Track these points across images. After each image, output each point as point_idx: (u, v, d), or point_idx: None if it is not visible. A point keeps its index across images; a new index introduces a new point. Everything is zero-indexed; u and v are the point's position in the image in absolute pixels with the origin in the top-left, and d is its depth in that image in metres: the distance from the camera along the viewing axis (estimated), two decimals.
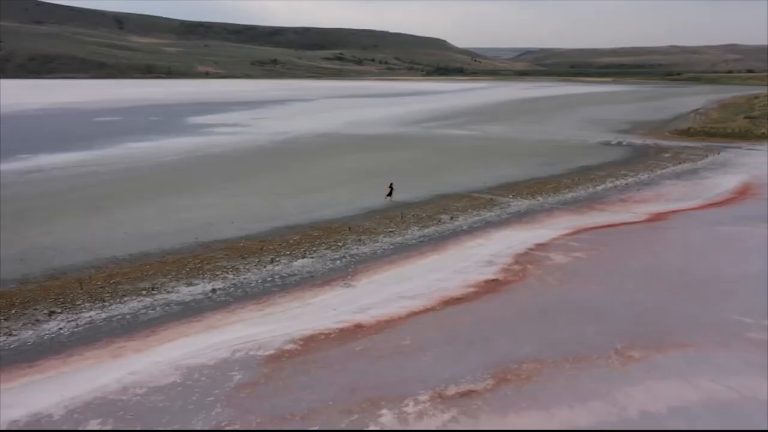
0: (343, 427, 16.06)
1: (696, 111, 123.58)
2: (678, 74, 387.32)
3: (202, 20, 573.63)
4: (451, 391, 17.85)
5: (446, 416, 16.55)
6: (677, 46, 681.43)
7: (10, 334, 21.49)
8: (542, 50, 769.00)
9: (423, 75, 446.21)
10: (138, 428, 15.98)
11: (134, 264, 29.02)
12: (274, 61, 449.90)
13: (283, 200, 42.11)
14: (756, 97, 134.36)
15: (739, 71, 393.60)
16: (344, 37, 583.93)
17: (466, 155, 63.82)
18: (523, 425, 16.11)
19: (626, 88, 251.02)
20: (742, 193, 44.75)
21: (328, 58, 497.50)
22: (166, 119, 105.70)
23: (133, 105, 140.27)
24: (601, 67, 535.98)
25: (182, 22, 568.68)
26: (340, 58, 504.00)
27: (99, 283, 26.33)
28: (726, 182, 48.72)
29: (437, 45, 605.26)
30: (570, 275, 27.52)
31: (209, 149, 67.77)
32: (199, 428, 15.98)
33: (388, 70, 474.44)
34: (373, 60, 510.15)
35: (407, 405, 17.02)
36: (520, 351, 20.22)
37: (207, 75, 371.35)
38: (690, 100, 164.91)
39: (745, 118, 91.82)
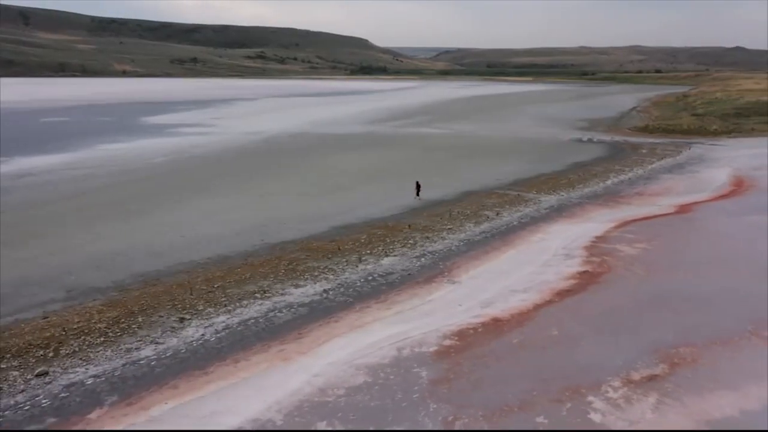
0: (564, 415, 16.65)
1: (635, 109, 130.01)
2: (593, 74, 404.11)
3: (114, 17, 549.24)
4: (636, 376, 18.78)
5: (651, 399, 17.49)
6: (587, 47, 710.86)
7: (156, 342, 20.87)
8: (459, 50, 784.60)
9: (347, 74, 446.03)
10: (371, 428, 16.03)
11: (222, 267, 28.53)
12: (194, 60, 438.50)
13: (314, 200, 42.08)
14: (686, 96, 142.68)
15: (648, 71, 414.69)
16: (265, 36, 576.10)
17: (456, 153, 65.05)
18: (728, 405, 17.19)
19: (551, 87, 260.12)
20: (739, 185, 47.90)
21: (249, 57, 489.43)
22: (120, 120, 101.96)
23: (71, 105, 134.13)
24: (517, 66, 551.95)
25: (93, 19, 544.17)
26: (262, 57, 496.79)
27: (203, 287, 25.86)
28: (717, 176, 51.90)
29: (359, 44, 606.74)
30: (651, 265, 28.99)
31: (193, 150, 66.18)
32: (429, 426, 16.16)
33: (312, 69, 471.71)
34: (295, 59, 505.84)
35: (608, 391, 17.83)
36: (666, 337, 21.39)
37: (124, 73, 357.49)
38: (620, 98, 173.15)
39: (692, 115, 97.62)
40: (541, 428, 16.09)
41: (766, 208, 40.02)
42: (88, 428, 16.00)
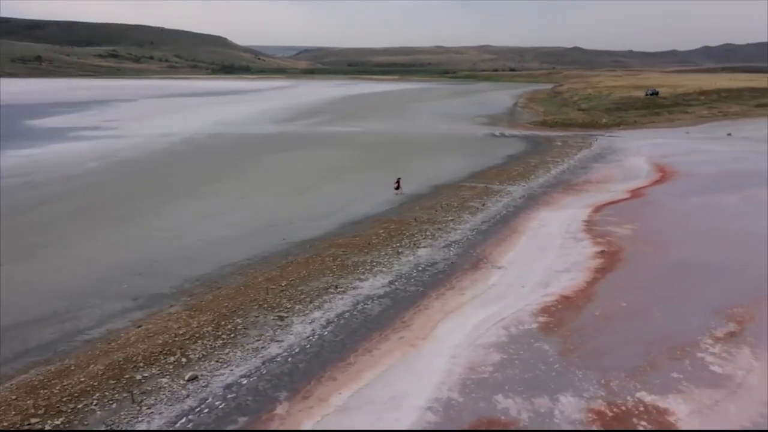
0: (690, 369, 19.29)
1: (516, 105, 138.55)
2: (453, 72, 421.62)
3: None
4: (719, 334, 21.90)
5: (746, 351, 20.57)
6: (442, 46, 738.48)
7: (275, 340, 21.37)
8: (319, 49, 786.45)
9: (209, 73, 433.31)
10: (540, 398, 17.84)
11: (271, 267, 28.91)
12: (39, 58, 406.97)
13: (297, 200, 42.71)
14: (557, 93, 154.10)
15: (503, 70, 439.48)
16: (116, 33, 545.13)
17: (394, 150, 67.14)
18: None
19: (421, 86, 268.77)
20: (663, 172, 53.88)
21: (101, 56, 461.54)
22: (4, 123, 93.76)
23: None
24: (377, 65, 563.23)
25: None
26: (114, 56, 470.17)
27: (272, 287, 26.24)
28: (639, 164, 57.92)
29: (219, 43, 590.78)
30: (651, 243, 32.63)
31: (120, 154, 63.39)
32: (591, 391, 18.22)
33: (171, 69, 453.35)
34: (151, 58, 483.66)
35: (707, 348, 20.76)
36: (715, 300, 24.62)
37: None
38: (493, 95, 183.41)
39: (578, 110, 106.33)
40: (676, 383, 18.45)
41: (702, 190, 45.35)
42: (283, 423, 16.38)
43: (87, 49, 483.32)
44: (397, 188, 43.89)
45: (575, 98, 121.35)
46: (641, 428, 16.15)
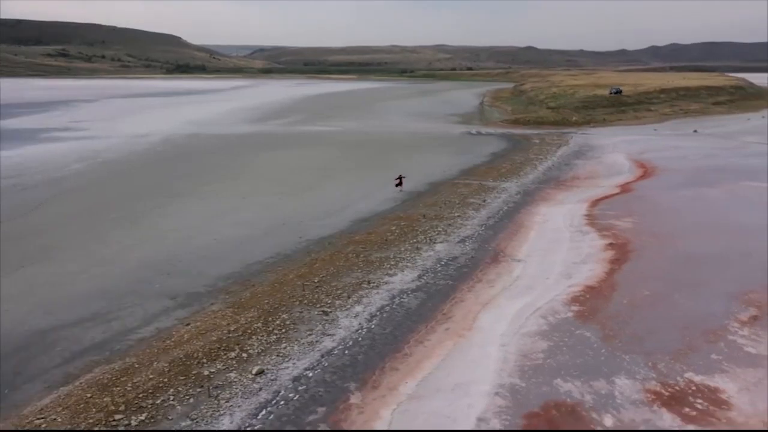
0: (727, 351, 20.63)
1: (483, 104, 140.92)
2: (411, 72, 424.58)
3: None
4: (743, 317, 23.32)
5: None
6: (398, 45, 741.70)
7: (327, 334, 21.96)
8: (274, 48, 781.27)
9: (164, 73, 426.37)
10: (593, 380, 18.85)
11: (297, 264, 29.33)
12: None
13: (299, 199, 43.00)
14: (521, 92, 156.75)
15: (461, 69, 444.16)
16: (66, 32, 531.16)
17: (379, 149, 67.92)
18: None
19: (382, 85, 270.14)
20: (644, 168, 55.97)
21: (50, 55, 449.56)
22: None
23: None
24: (334, 64, 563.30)
25: None
26: (64, 55, 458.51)
27: (306, 283, 26.67)
28: (619, 160, 59.98)
29: (172, 42, 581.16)
30: (653, 235, 34.10)
31: (102, 155, 62.57)
32: (642, 373, 19.31)
33: (124, 68, 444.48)
34: (103, 57, 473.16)
35: (737, 330, 22.09)
36: (731, 287, 26.02)
37: None
38: (457, 94, 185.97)
39: (548, 109, 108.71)
40: (718, 364, 19.72)
41: (686, 185, 47.39)
42: (362, 412, 17.01)
43: (35, 48, 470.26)
44: (399, 185, 44.51)
45: (541, 97, 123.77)
46: (698, 406, 17.20)
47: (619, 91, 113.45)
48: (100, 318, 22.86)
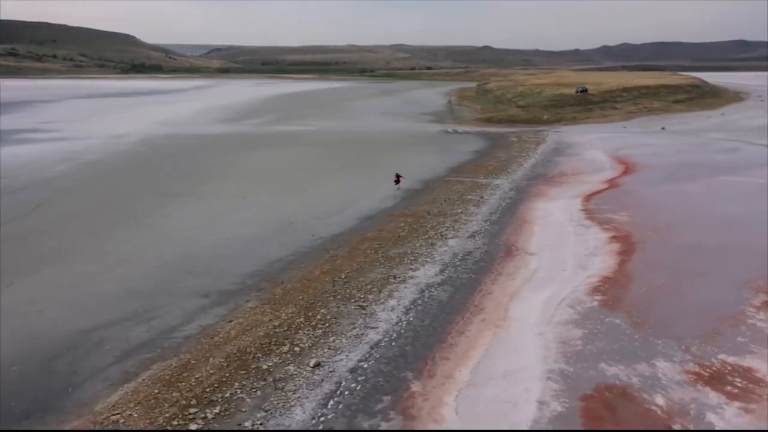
0: (749, 333, 22.02)
1: (450, 103, 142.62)
2: (372, 71, 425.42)
3: None
4: (756, 302, 24.70)
5: None
6: (356, 45, 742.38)
7: (370, 327, 22.63)
8: (230, 47, 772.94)
9: (119, 73, 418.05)
10: (639, 361, 20.00)
11: (319, 261, 29.84)
12: None
13: (298, 199, 43.43)
14: (486, 91, 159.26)
15: (420, 68, 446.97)
16: (14, 31, 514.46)
17: (362, 149, 68.67)
18: None
19: (345, 84, 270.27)
20: (624, 164, 57.92)
21: None
22: None
23: None
24: (291, 64, 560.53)
25: None
26: (13, 54, 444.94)
27: (335, 278, 27.25)
28: (598, 157, 61.88)
29: (126, 41, 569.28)
30: (652, 228, 35.47)
31: (83, 156, 61.73)
32: (678, 356, 20.55)
33: (76, 68, 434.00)
34: (55, 56, 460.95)
35: (754, 315, 23.44)
36: (739, 275, 27.39)
37: None
38: (421, 93, 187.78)
39: (517, 107, 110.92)
40: (746, 346, 21.06)
41: (667, 180, 49.36)
42: (426, 399, 17.77)
43: None
44: (397, 182, 45.29)
45: (509, 96, 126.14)
46: (738, 384, 18.43)
47: (585, 90, 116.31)
48: (139, 317, 23.00)
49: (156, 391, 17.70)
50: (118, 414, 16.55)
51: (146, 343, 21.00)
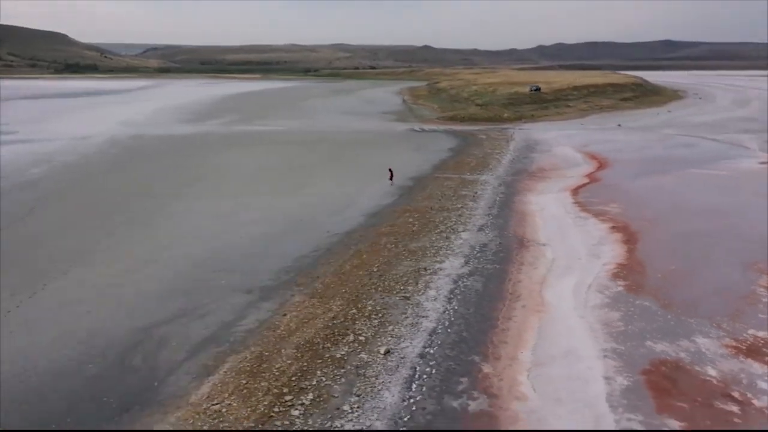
0: None
1: (406, 102, 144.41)
2: (316, 71, 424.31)
3: None
4: (763, 282, 27.02)
5: None
6: (297, 44, 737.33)
7: (422, 316, 23.72)
8: (168, 47, 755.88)
9: (52, 72, 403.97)
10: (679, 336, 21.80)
11: (346, 256, 30.69)
12: None
13: (296, 197, 43.91)
14: (439, 90, 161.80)
15: (364, 68, 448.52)
16: None
17: (336, 147, 69.39)
18: None
19: (292, 84, 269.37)
20: (595, 159, 60.57)
21: None
22: None
23: None
24: (232, 63, 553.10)
25: None
26: None
27: (370, 272, 28.22)
28: (569, 153, 64.44)
29: (59, 40, 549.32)
30: (649, 219, 37.57)
31: (56, 157, 60.58)
32: (715, 334, 22.46)
33: (7, 68, 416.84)
34: None
35: (764, 294, 25.71)
36: (741, 257, 29.66)
37: None
38: (373, 92, 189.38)
39: (476, 106, 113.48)
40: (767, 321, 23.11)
41: (641, 174, 52.07)
42: (501, 379, 19.01)
43: None
44: (391, 178, 46.40)
45: (464, 95, 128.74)
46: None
47: (538, 89, 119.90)
48: (190, 314, 23.43)
49: (244, 381, 18.28)
50: (217, 404, 17.09)
51: (211, 338, 21.46)
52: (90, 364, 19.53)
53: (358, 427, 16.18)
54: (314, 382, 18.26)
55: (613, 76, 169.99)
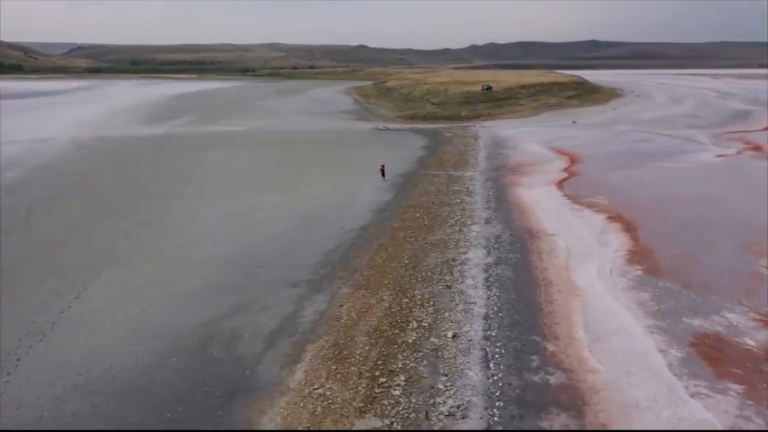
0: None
1: (358, 101, 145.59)
2: (254, 71, 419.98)
3: None
4: (764, 263, 29.78)
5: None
6: (230, 44, 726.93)
7: (470, 302, 25.16)
8: (94, 46, 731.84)
9: None
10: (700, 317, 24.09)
11: (372, 250, 31.82)
12: None
13: (298, 195, 44.51)
14: (388, 89, 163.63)
15: (302, 68, 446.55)
16: None
17: (312, 147, 69.78)
18: None
19: (233, 84, 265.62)
20: (566, 154, 63.37)
21: None
22: None
23: None
24: (164, 63, 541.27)
25: None
26: None
27: (403, 264, 29.56)
28: (537, 150, 67.00)
29: None
30: (639, 209, 40.04)
31: (30, 161, 59.18)
32: (737, 316, 24.82)
33: None
34: None
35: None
36: (741, 240, 32.20)
37: None
38: (320, 92, 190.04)
39: (432, 104, 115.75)
40: None
41: (614, 167, 55.03)
42: (568, 355, 20.69)
43: None
44: (383, 174, 47.70)
45: (416, 94, 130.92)
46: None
47: (489, 88, 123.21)
48: (248, 308, 24.16)
49: (334, 367, 19.27)
50: (318, 388, 18.04)
51: (280, 330, 22.29)
52: (173, 358, 20.06)
53: (458, 403, 17.33)
54: (400, 365, 19.38)
55: (555, 75, 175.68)
